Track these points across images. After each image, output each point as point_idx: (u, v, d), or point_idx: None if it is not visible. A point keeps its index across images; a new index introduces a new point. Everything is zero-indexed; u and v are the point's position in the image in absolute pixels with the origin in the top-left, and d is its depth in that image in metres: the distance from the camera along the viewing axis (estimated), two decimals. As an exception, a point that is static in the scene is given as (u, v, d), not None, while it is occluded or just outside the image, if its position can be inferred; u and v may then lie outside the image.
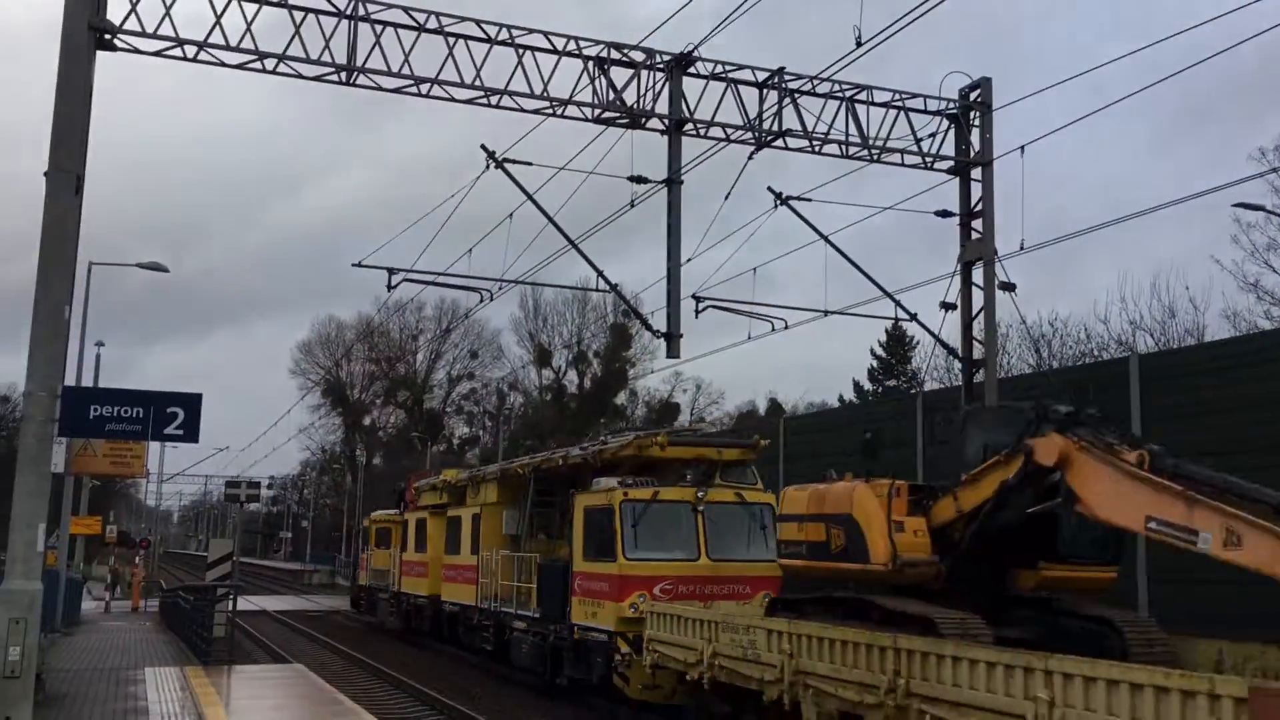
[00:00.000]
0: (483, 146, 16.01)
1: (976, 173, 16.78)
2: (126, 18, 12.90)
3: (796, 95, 16.01)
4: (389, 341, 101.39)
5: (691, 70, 15.65)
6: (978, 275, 16.58)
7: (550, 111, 15.13)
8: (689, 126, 15.70)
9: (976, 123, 16.86)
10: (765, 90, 15.95)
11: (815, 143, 16.12)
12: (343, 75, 13.94)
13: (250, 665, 21.28)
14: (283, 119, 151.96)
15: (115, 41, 12.91)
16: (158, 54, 13.28)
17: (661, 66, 15.55)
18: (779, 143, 16.05)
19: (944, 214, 17.29)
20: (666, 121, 15.59)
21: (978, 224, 16.65)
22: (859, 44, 14.26)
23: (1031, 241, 15.78)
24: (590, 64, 15.21)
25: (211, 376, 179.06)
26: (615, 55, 15.38)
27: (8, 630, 10.26)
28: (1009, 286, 16.38)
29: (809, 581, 12.57)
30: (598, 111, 15.31)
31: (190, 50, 13.30)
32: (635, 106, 15.40)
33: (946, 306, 17.14)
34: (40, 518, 10.80)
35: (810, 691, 10.86)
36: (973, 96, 16.86)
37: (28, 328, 11.00)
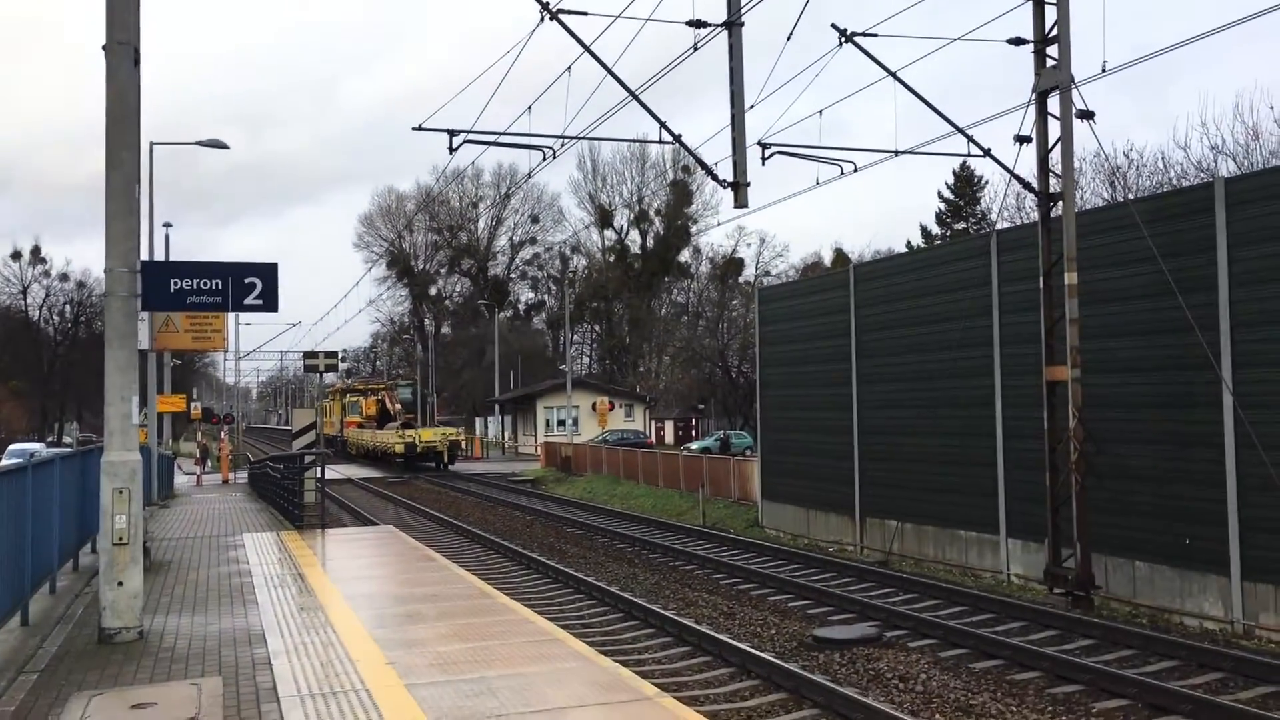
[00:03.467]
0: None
1: (1052, -5, 15.95)
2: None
3: (860, -77, 15.28)
4: (450, 210, 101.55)
5: (748, -97, 14.95)
6: (1055, 106, 15.94)
7: (604, -44, 14.61)
8: (748, -36, 15.09)
9: (1051, -59, 15.96)
10: (826, -80, 15.23)
11: (881, -27, 15.45)
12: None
13: (341, 529, 22.01)
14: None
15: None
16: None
17: (717, -99, 14.88)
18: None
19: (1017, 41, 16.58)
20: (724, -40, 14.99)
21: (1053, 51, 15.93)
22: None
23: (1114, 65, 15.07)
24: (643, -97, 14.61)
25: (285, 255, 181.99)
26: (668, -108, 14.72)
27: (113, 500, 10.59)
28: (1087, 114, 15.72)
29: None
30: (653, -47, 14.75)
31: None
32: (691, -54, 14.80)
33: (1021, 140, 16.59)
34: (132, 391, 11.01)
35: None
36: (1046, -87, 15.92)
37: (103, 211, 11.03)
